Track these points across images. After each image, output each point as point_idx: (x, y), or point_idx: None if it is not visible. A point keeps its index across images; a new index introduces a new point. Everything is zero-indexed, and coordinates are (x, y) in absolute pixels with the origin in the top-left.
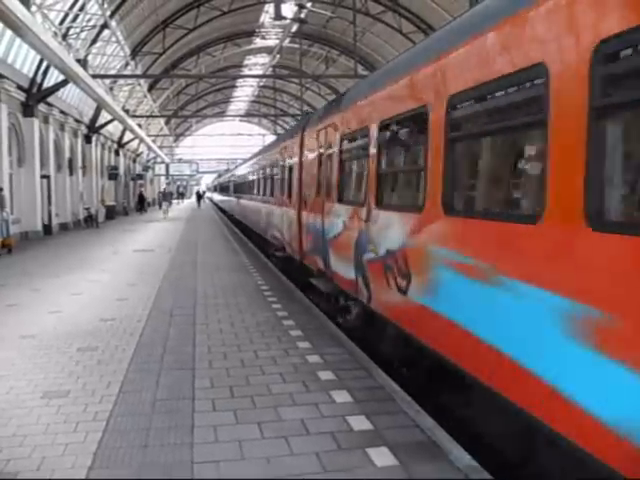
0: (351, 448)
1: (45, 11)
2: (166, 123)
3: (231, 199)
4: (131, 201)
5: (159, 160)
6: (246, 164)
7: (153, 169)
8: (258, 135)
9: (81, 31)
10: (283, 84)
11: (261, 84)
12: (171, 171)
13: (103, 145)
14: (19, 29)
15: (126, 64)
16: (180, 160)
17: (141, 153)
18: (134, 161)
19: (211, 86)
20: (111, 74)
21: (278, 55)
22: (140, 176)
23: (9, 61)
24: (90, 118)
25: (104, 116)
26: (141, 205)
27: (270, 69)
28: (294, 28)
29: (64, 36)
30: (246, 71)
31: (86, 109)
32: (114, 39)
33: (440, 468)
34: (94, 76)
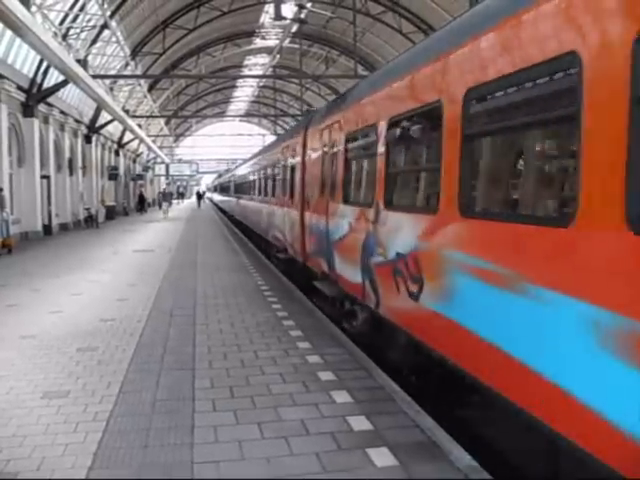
0: (351, 448)
1: (45, 11)
2: (166, 123)
3: (231, 199)
4: (131, 201)
5: (159, 160)
6: (247, 164)
7: (153, 169)
8: (258, 135)
9: (81, 31)
10: (283, 84)
11: (261, 84)
12: (171, 171)
13: (103, 145)
14: (19, 29)
15: (126, 64)
16: (180, 160)
17: (141, 153)
18: (134, 161)
19: (211, 86)
20: (111, 74)
21: (278, 55)
22: (140, 176)
23: (9, 61)
24: (90, 118)
25: (104, 116)
26: (141, 205)
27: (270, 69)
28: (294, 28)
29: (64, 36)
30: (246, 71)
31: (86, 109)
32: (114, 39)
33: (440, 468)
34: (94, 76)
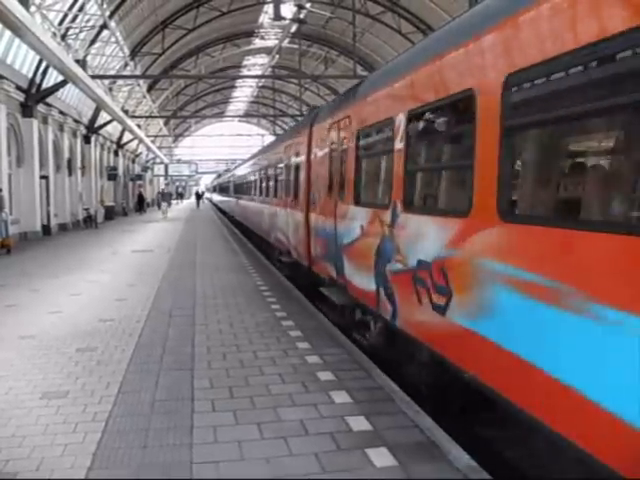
0: (350, 448)
1: (44, 11)
2: (165, 123)
3: (231, 200)
4: (130, 201)
5: (158, 160)
6: (247, 163)
7: (152, 169)
8: (257, 135)
9: (80, 31)
10: (282, 84)
11: (260, 84)
12: (170, 171)
13: (102, 145)
14: (18, 29)
15: (125, 64)
16: (179, 160)
17: (140, 153)
18: (133, 161)
19: (210, 87)
20: (110, 74)
21: (277, 55)
22: (139, 176)
23: (8, 61)
24: (89, 118)
25: (103, 116)
26: (140, 205)
27: (269, 69)
28: (293, 28)
29: (63, 36)
30: (245, 71)
31: (85, 109)
32: (113, 39)
33: (439, 468)
34: (93, 76)
